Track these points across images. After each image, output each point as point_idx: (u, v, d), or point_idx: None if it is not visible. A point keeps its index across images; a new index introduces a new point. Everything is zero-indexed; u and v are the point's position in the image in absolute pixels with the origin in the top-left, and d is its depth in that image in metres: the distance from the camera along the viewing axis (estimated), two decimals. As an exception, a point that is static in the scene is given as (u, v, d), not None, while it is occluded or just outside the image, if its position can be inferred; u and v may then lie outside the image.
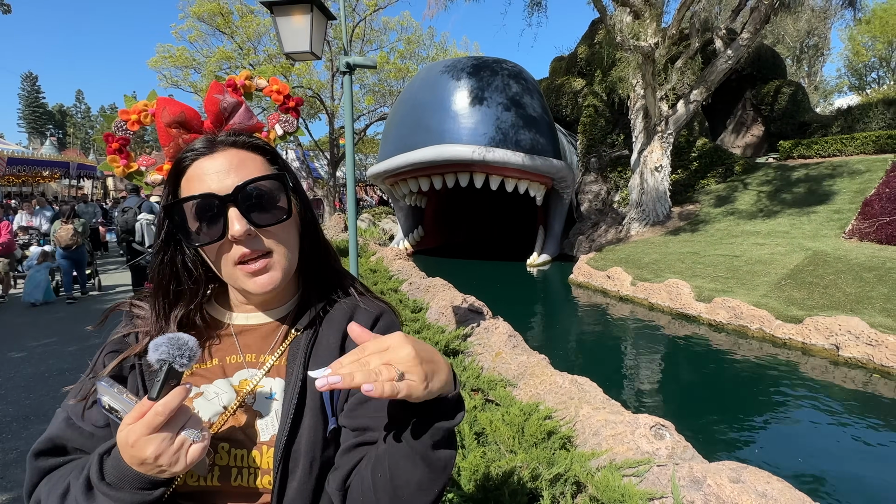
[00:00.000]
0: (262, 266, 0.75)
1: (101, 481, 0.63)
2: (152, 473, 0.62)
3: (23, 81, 73.41)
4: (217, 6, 19.52)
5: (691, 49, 12.51)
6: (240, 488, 0.74)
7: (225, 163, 0.75)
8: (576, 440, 2.71)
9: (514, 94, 12.66)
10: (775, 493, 1.98)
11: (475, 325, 4.64)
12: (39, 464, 0.74)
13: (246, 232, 0.72)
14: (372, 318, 0.87)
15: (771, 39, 24.97)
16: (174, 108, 0.84)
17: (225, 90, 0.87)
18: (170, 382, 0.62)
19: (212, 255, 0.76)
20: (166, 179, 0.78)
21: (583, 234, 14.89)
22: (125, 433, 0.60)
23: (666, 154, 12.79)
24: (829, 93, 40.96)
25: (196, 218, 0.73)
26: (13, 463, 3.17)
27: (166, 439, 0.60)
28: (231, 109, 0.86)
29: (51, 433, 0.76)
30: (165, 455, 0.60)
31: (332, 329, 0.84)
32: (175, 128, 0.84)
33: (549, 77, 20.93)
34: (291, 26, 3.18)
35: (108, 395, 0.65)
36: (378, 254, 9.96)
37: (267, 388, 0.79)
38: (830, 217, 10.39)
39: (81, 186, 26.90)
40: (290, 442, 0.75)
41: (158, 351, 0.62)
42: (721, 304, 7.22)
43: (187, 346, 0.64)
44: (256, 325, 0.84)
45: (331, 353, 0.81)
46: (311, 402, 0.78)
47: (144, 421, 0.59)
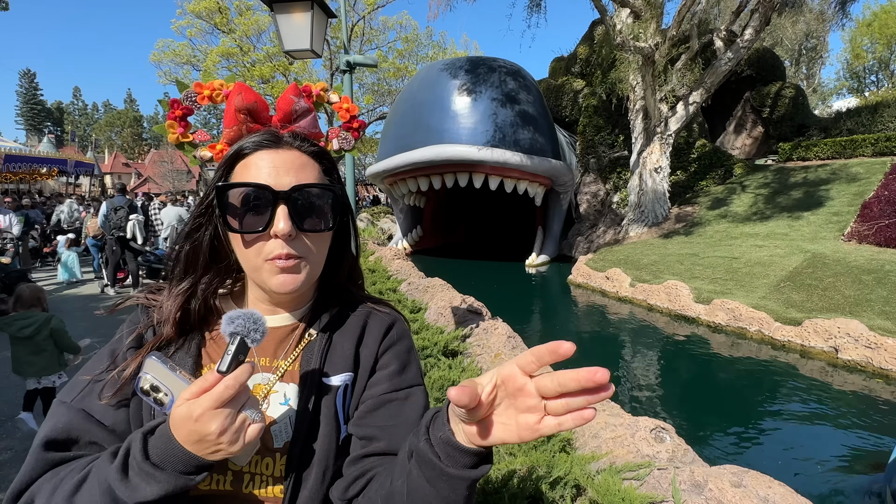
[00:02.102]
0: (291, 265, 0.74)
1: (145, 460, 0.59)
2: (205, 454, 0.60)
3: (21, 78, 73.23)
4: (214, 3, 19.47)
5: (691, 50, 12.51)
6: (251, 496, 0.73)
7: (287, 161, 0.76)
8: (575, 443, 2.69)
9: (514, 94, 12.64)
10: (777, 497, 1.97)
11: (474, 325, 4.62)
12: (48, 455, 0.68)
13: (290, 232, 0.72)
14: (385, 326, 0.87)
15: (770, 42, 25.02)
16: (249, 96, 0.86)
17: (301, 94, 0.89)
18: (238, 357, 0.60)
19: (244, 245, 0.75)
20: (223, 160, 0.78)
21: (581, 235, 14.88)
22: (187, 407, 0.58)
23: (665, 155, 12.79)
24: (827, 95, 41.07)
25: (244, 205, 0.73)
26: (7, 463, 3.14)
27: (231, 416, 0.59)
28: (301, 113, 0.89)
29: (67, 424, 0.70)
30: (228, 432, 0.59)
31: (346, 337, 0.84)
32: (244, 114, 0.85)
33: (548, 77, 20.92)
34: (292, 24, 3.15)
35: (158, 372, 0.62)
36: (377, 253, 9.94)
37: (280, 394, 0.78)
38: (829, 219, 10.40)
39: (80, 184, 26.81)
40: (303, 450, 0.74)
41: (234, 324, 0.61)
42: (720, 306, 7.22)
43: (261, 321, 0.63)
44: (271, 329, 0.82)
45: (345, 360, 0.81)
46: (325, 409, 0.77)
47: (213, 394, 0.58)
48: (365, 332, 0.86)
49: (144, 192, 29.24)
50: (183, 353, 0.77)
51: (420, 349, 3.87)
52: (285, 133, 0.80)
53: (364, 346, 0.84)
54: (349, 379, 0.81)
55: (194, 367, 0.76)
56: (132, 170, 52.12)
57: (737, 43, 11.92)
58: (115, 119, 68.77)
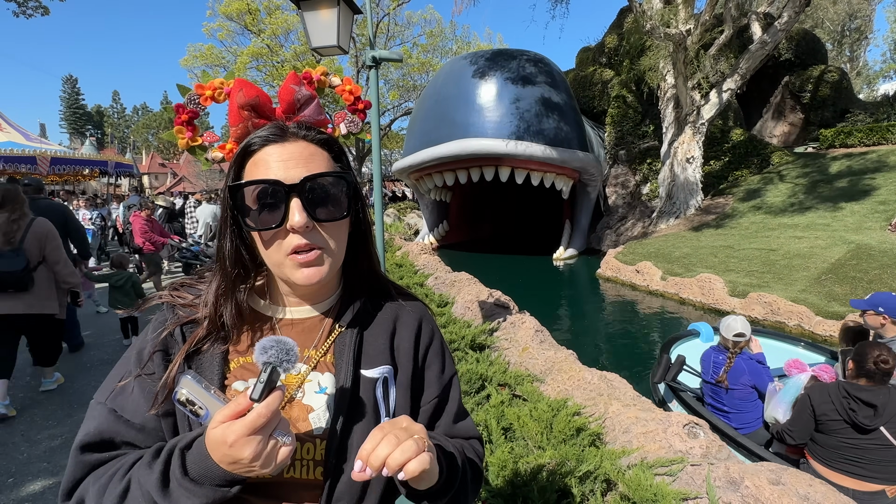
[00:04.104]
0: (313, 257, 0.75)
1: (184, 476, 0.64)
2: (239, 472, 0.63)
3: (64, 84, 76.57)
4: (244, 4, 19.87)
5: (725, 35, 12.06)
6: (292, 479, 0.75)
7: (294, 153, 0.76)
8: (605, 437, 2.65)
9: (540, 86, 12.47)
10: (818, 496, 1.90)
11: (501, 319, 4.60)
12: (86, 458, 0.73)
13: (306, 224, 0.73)
14: (417, 320, 0.91)
15: (810, 23, 23.87)
16: (250, 91, 0.86)
17: (301, 82, 0.88)
18: (271, 385, 0.62)
19: (264, 242, 0.76)
20: (233, 160, 0.78)
21: (610, 228, 14.62)
22: (221, 432, 0.60)
23: (698, 145, 12.41)
24: (873, 78, 39.00)
25: (257, 202, 0.73)
26: (58, 449, 3.32)
27: (263, 441, 0.61)
28: (304, 101, 0.87)
29: (98, 427, 0.74)
30: (261, 458, 0.61)
31: (380, 330, 0.86)
32: (247, 110, 0.85)
33: (575, 68, 20.55)
34: (319, 21, 3.19)
35: (192, 389, 0.64)
36: (404, 248, 10.00)
37: (315, 383, 0.80)
38: (875, 209, 9.90)
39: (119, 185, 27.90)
40: (343, 437, 0.76)
41: (267, 354, 0.63)
42: (756, 300, 6.99)
43: (293, 351, 0.65)
44: (300, 320, 0.84)
45: (381, 354, 0.84)
46: (365, 399, 0.80)
47: (246, 421, 0.60)
48: (396, 325, 0.88)
49: (179, 191, 30.20)
50: (210, 347, 0.78)
51: (448, 343, 3.89)
52: (291, 124, 0.80)
53: (399, 339, 0.87)
54: (388, 371, 0.83)
55: (222, 362, 0.78)
56: (168, 170, 53.80)
57: (774, 26, 11.43)
58: (151, 121, 71.12)
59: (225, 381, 0.77)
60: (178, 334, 0.79)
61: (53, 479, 2.98)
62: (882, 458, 2.54)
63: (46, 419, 3.72)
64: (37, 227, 3.74)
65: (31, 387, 4.28)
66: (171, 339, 0.79)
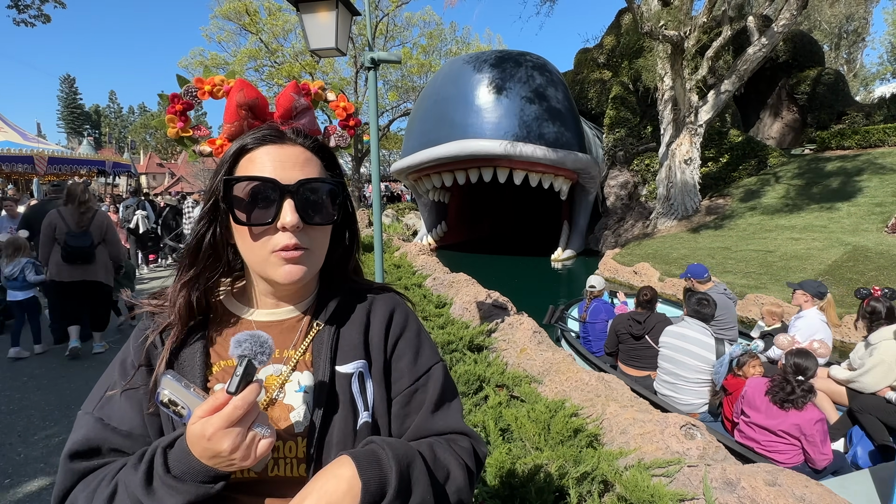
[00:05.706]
0: (298, 255, 0.77)
1: (166, 474, 0.64)
2: (220, 467, 0.64)
3: (61, 83, 76.38)
4: (243, 5, 19.84)
5: (723, 37, 12.11)
6: (277, 477, 0.76)
7: (292, 156, 0.79)
8: (603, 438, 2.66)
9: (539, 87, 12.49)
10: (814, 497, 1.91)
11: (499, 320, 4.61)
12: (75, 466, 0.74)
13: (297, 225, 0.76)
14: (388, 310, 0.91)
15: (807, 25, 23.95)
16: (250, 92, 0.88)
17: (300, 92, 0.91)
18: (247, 378, 0.63)
19: (252, 238, 0.77)
20: (229, 154, 0.80)
21: (608, 229, 14.64)
22: (200, 426, 0.62)
23: (695, 146, 12.44)
24: (869, 80, 39.15)
25: (251, 198, 0.75)
26: (56, 449, 3.31)
27: (241, 434, 0.62)
28: (301, 110, 0.90)
29: (86, 435, 0.75)
30: (240, 449, 0.62)
31: (353, 325, 0.87)
32: (245, 110, 0.87)
33: (574, 69, 20.59)
34: (317, 22, 3.19)
35: (174, 388, 0.65)
36: (402, 249, 10.00)
37: (295, 383, 0.81)
38: (872, 210, 9.94)
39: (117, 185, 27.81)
40: (322, 434, 0.77)
41: (241, 347, 0.65)
42: (754, 301, 7.01)
43: (267, 344, 0.66)
44: (278, 321, 0.85)
45: (355, 349, 0.84)
46: (341, 395, 0.80)
47: (223, 414, 0.61)
48: (370, 318, 0.89)
49: (177, 192, 30.14)
50: (190, 352, 0.80)
51: (446, 343, 3.89)
52: (287, 129, 0.82)
53: (371, 333, 0.87)
54: (362, 366, 0.84)
55: (203, 366, 0.79)
56: (166, 170, 53.69)
57: (772, 28, 11.47)
58: (149, 121, 71.00)
59: (207, 384, 0.78)
60: (157, 341, 0.81)
61: (50, 480, 2.97)
62: (647, 355, 4.21)
63: (43, 419, 3.71)
64: (100, 216, 4.86)
65: (28, 387, 4.28)
66: (153, 349, 0.81)
